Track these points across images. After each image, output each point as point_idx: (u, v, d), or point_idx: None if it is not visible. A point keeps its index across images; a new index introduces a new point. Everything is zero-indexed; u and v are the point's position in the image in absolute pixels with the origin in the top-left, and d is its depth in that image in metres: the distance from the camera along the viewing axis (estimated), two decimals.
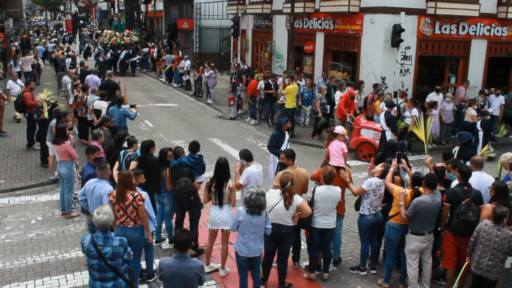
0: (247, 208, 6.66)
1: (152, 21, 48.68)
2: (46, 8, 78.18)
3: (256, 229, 6.74)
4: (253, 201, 6.59)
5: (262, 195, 6.66)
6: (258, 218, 6.69)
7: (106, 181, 7.56)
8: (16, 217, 10.16)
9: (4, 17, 30.79)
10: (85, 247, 5.77)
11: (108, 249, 5.71)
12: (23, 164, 13.24)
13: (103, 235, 5.75)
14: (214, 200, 7.81)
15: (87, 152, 8.64)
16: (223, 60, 32.64)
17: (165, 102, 23.23)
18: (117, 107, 13.14)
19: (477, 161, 8.15)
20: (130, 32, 35.50)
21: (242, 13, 26.19)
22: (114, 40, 32.21)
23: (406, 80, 17.00)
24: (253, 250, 6.83)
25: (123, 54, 31.55)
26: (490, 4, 17.30)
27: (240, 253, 6.88)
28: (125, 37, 32.85)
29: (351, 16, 17.57)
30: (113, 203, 6.95)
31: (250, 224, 6.69)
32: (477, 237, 6.60)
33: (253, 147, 15.82)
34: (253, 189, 6.68)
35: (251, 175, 8.34)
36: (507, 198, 6.90)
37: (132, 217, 6.97)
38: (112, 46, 31.95)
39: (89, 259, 5.78)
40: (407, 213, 7.16)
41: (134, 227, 7.02)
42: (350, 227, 9.73)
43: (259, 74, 20.71)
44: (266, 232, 6.88)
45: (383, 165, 7.88)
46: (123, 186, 6.94)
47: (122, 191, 6.92)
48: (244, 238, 6.79)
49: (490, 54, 18.09)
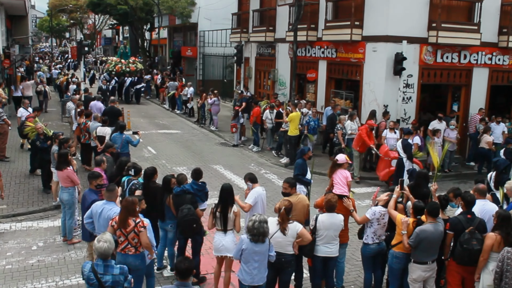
0: (250, 236, 6.61)
1: (156, 48, 49.17)
2: (52, 35, 79.19)
3: (260, 257, 6.69)
4: (256, 229, 6.56)
5: (265, 222, 6.63)
6: (262, 246, 6.64)
7: (114, 203, 7.58)
8: (17, 243, 10.12)
9: (11, 43, 31.13)
10: (85, 275, 5.74)
11: (108, 278, 5.68)
12: (25, 189, 13.24)
13: (103, 263, 5.72)
14: (218, 226, 7.78)
15: (90, 178, 8.65)
16: (226, 87, 32.85)
17: (168, 129, 23.32)
18: (119, 133, 13.19)
19: (481, 189, 8.13)
20: (136, 59, 35.47)
21: (245, 41, 26.47)
22: (120, 67, 32.04)
23: (408, 108, 17.05)
24: (256, 278, 6.77)
25: (128, 81, 31.44)
26: (491, 33, 17.46)
27: (243, 282, 6.82)
28: (130, 64, 32.72)
29: (353, 44, 17.74)
30: (114, 228, 6.92)
31: (254, 252, 6.64)
32: (502, 267, 6.52)
33: (256, 174, 15.76)
34: (255, 217, 6.65)
35: (258, 196, 8.43)
36: (510, 226, 6.85)
37: (134, 243, 6.92)
38: (117, 73, 31.81)
39: (89, 287, 5.75)
40: (410, 242, 7.11)
41: (135, 254, 6.96)
42: (353, 255, 9.66)
43: (265, 101, 20.78)
44: (270, 260, 6.83)
45: (388, 194, 7.86)
46: (126, 212, 6.91)
47: (124, 217, 6.89)
48: (248, 266, 6.74)
49: (492, 82, 18.17)
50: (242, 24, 26.69)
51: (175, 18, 37.92)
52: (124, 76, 31.65)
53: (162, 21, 38.08)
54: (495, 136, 16.53)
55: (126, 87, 31.53)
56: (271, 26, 23.26)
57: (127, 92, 31.70)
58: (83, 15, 75.21)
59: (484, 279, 6.96)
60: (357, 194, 13.30)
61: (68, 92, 24.79)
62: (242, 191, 13.87)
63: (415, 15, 16.47)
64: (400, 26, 16.36)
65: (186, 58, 40.23)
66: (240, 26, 26.86)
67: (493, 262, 6.87)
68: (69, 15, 74.31)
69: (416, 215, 7.40)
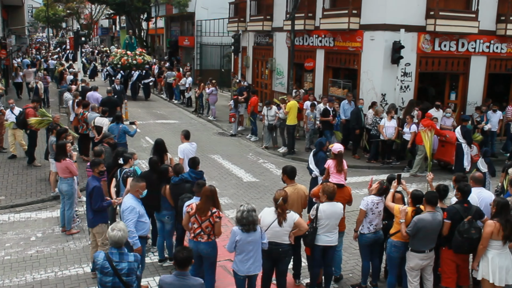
0: (241, 227, 6.63)
1: (153, 38, 49.02)
2: (48, 25, 78.75)
3: (254, 246, 6.71)
4: (245, 219, 6.57)
5: (253, 211, 6.64)
6: (254, 235, 6.66)
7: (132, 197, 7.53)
8: (16, 233, 10.14)
9: (7, 34, 31.02)
10: (99, 264, 5.67)
11: (124, 265, 5.66)
12: (23, 180, 13.24)
13: (118, 252, 5.71)
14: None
15: (92, 166, 8.65)
16: (223, 77, 32.77)
17: (166, 119, 23.28)
18: (116, 124, 13.17)
19: (477, 177, 8.18)
20: (143, 51, 31.99)
21: (242, 30, 26.37)
22: (125, 60, 28.72)
23: (406, 97, 17.03)
24: (252, 268, 6.79)
25: (135, 75, 28.29)
26: (489, 21, 17.39)
27: (239, 272, 6.83)
28: (137, 56, 29.34)
29: (351, 33, 17.67)
30: (190, 214, 7.13)
31: (247, 242, 6.66)
32: None
33: (254, 164, 15.83)
34: (243, 207, 6.66)
35: (185, 149, 10.74)
36: (508, 214, 6.89)
37: (207, 231, 7.11)
38: (123, 66, 28.60)
39: (103, 276, 5.66)
40: (408, 230, 7.13)
41: (207, 241, 7.16)
42: (351, 244, 9.68)
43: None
44: (263, 247, 6.84)
45: (379, 182, 7.88)
46: (207, 202, 7.09)
47: (206, 206, 7.07)
48: (243, 257, 6.74)
49: (489, 70, 18.15)
50: (239, 13, 26.55)
51: (172, 8, 37.73)
52: (131, 69, 28.56)
53: (159, 10, 37.95)
54: (492, 125, 16.60)
55: (133, 81, 28.72)
56: (269, 15, 23.15)
57: (134, 87, 29.05)
58: (80, 5, 74.86)
59: (483, 266, 7.01)
60: (354, 184, 13.35)
61: (63, 82, 24.59)
62: (240, 181, 13.93)
63: (413, 3, 16.39)
64: (398, 14, 16.29)
65: (183, 47, 40.10)
66: (237, 15, 26.73)
67: (492, 250, 6.92)
68: (66, 5, 73.81)
69: (414, 204, 7.42)
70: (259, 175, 14.70)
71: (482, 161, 11.59)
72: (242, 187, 13.46)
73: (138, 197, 7.48)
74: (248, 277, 6.88)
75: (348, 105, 17.10)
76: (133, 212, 7.24)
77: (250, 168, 15.36)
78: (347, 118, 16.84)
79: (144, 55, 30.24)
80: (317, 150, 10.75)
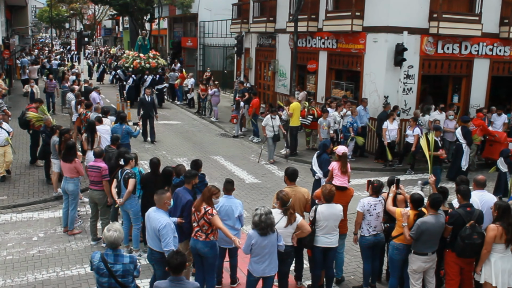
0: (259, 231, 6.59)
1: (156, 39, 49.07)
2: (52, 26, 78.94)
3: (270, 249, 6.70)
4: (264, 222, 6.54)
5: (270, 213, 6.64)
6: (271, 237, 6.65)
7: (163, 212, 6.96)
8: (18, 233, 10.15)
9: (10, 34, 31.10)
10: (95, 265, 5.71)
11: (118, 267, 5.68)
12: (26, 180, 13.26)
13: (113, 253, 5.72)
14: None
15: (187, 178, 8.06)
16: (226, 78, 32.79)
17: (168, 120, 23.29)
18: (119, 124, 13.19)
19: (479, 180, 8.15)
20: (157, 53, 29.45)
21: (245, 32, 26.38)
22: (138, 63, 26.65)
23: (409, 99, 17.02)
24: (268, 269, 6.79)
25: (149, 80, 25.67)
26: (492, 23, 17.38)
27: (254, 273, 6.82)
28: (150, 59, 27.19)
29: (354, 35, 17.67)
30: (193, 211, 7.31)
31: (262, 246, 6.64)
32: None
33: (256, 166, 15.82)
34: (260, 211, 6.63)
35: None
36: (510, 217, 6.87)
37: (204, 230, 7.14)
38: (135, 70, 26.55)
39: (99, 277, 5.71)
40: (411, 234, 7.11)
41: (204, 240, 7.17)
42: (352, 246, 9.67)
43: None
44: (280, 249, 6.84)
45: (368, 180, 7.90)
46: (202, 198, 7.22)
47: (200, 202, 7.20)
48: (258, 258, 6.74)
49: (492, 73, 18.12)
50: (242, 15, 26.59)
51: (175, 9, 37.76)
52: (143, 73, 26.47)
53: (162, 11, 37.91)
54: (496, 128, 16.53)
55: (146, 87, 25.24)
56: (272, 17, 23.17)
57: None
58: (83, 6, 75.02)
59: (485, 270, 7.00)
60: (357, 186, 13.33)
61: (65, 82, 24.45)
62: (242, 182, 13.92)
63: (416, 5, 16.38)
64: (401, 16, 16.28)
65: (186, 48, 40.12)
66: (240, 17, 26.76)
67: (494, 253, 6.91)
68: (69, 5, 74.03)
69: (415, 207, 7.39)
70: (261, 176, 14.69)
71: (502, 161, 11.66)
72: (244, 188, 13.45)
73: (167, 210, 7.03)
74: (263, 278, 6.88)
75: (364, 111, 16.76)
76: (172, 230, 6.72)
77: (252, 169, 15.36)
78: (363, 125, 16.68)
79: (158, 58, 28.15)
80: (320, 152, 10.76)
